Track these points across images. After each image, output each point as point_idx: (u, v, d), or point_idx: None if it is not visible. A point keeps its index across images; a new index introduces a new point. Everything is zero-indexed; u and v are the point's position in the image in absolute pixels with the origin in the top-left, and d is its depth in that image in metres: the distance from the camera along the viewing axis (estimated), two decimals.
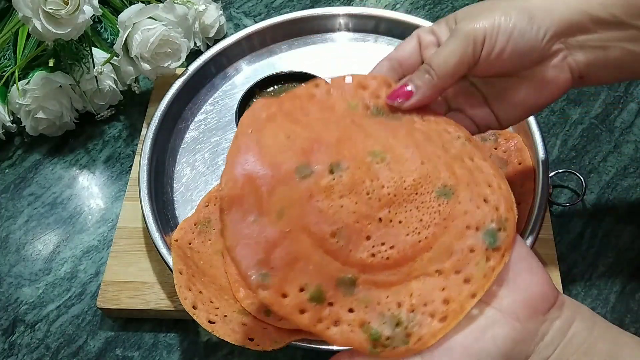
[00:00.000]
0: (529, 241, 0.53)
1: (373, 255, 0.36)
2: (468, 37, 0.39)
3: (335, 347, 0.49)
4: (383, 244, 0.37)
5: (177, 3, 0.67)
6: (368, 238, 0.36)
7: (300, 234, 0.36)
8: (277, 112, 0.39)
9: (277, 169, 0.36)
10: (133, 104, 0.73)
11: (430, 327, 0.35)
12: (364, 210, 0.37)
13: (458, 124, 0.42)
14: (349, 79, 0.42)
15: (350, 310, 0.36)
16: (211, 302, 0.50)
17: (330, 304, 0.35)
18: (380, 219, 0.37)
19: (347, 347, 0.36)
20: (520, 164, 0.60)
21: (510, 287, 0.35)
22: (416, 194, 0.38)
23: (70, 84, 0.67)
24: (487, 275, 0.35)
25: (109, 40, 0.74)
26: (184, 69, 0.68)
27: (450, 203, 0.37)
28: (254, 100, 0.65)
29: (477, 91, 0.44)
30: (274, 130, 0.38)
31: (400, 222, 0.37)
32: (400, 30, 0.72)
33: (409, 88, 0.41)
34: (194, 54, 0.70)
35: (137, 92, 0.70)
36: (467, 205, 0.37)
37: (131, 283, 0.57)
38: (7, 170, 0.69)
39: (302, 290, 0.35)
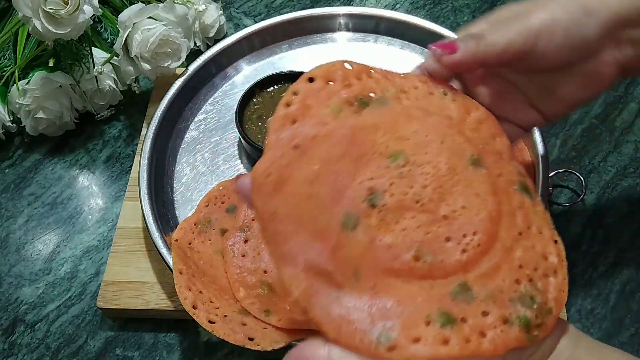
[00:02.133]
0: None
1: (464, 250, 0.34)
2: (529, 28, 0.38)
3: None
4: (465, 235, 0.34)
5: (177, 3, 0.67)
6: (448, 239, 0.34)
7: (387, 280, 0.33)
8: (277, 170, 0.35)
9: (326, 239, 0.34)
10: (133, 104, 0.73)
11: (555, 284, 0.34)
12: (426, 219, 0.35)
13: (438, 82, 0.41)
14: (310, 79, 0.37)
15: (485, 314, 0.33)
16: (211, 302, 0.50)
17: (463, 320, 0.32)
18: (444, 217, 0.35)
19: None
20: (520, 163, 0.60)
21: None
22: (456, 174, 0.36)
23: (70, 84, 0.67)
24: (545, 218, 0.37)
25: (109, 40, 0.74)
26: (184, 69, 0.68)
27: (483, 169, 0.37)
28: (254, 100, 0.65)
29: (518, 92, 0.43)
30: (288, 199, 0.35)
31: (463, 207, 0.35)
32: (400, 30, 0.72)
33: (456, 45, 0.39)
34: (194, 54, 0.70)
35: (137, 92, 0.70)
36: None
37: (131, 283, 0.57)
38: (7, 170, 0.69)
39: (428, 324, 0.32)
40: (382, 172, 0.36)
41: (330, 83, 0.38)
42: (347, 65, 0.38)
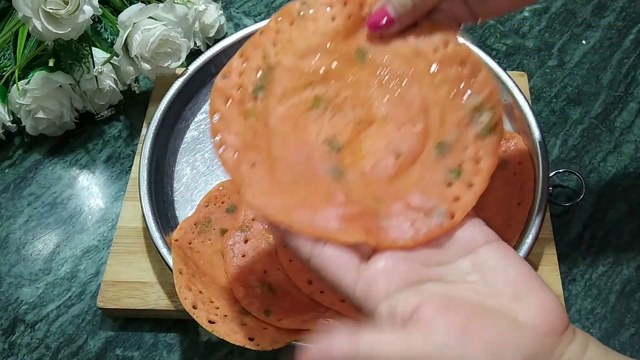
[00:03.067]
0: (528, 241, 0.53)
1: (414, 123, 0.40)
2: None
3: None
4: (407, 119, 0.40)
5: (177, 3, 0.67)
6: (401, 125, 0.40)
7: (397, 183, 0.39)
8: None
9: (335, 196, 0.38)
10: (133, 104, 0.73)
11: (481, 85, 0.39)
12: (375, 128, 0.40)
13: None
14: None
15: (465, 148, 0.38)
16: (211, 302, 0.50)
17: (461, 163, 0.38)
18: (383, 116, 0.40)
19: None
20: (520, 163, 0.60)
21: (524, 303, 0.34)
22: (358, 78, 0.41)
23: (70, 84, 0.67)
24: None
25: (109, 40, 0.74)
26: (184, 68, 0.68)
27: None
28: None
29: None
30: (286, 199, 0.38)
31: (387, 100, 0.41)
32: None
33: (389, 14, 0.41)
34: (194, 54, 0.70)
35: (137, 92, 0.70)
36: None
37: (131, 283, 0.57)
38: (7, 170, 0.69)
39: (450, 184, 0.38)
40: (320, 123, 0.41)
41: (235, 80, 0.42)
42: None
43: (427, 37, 0.41)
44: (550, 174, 0.61)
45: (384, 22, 0.41)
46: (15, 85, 0.64)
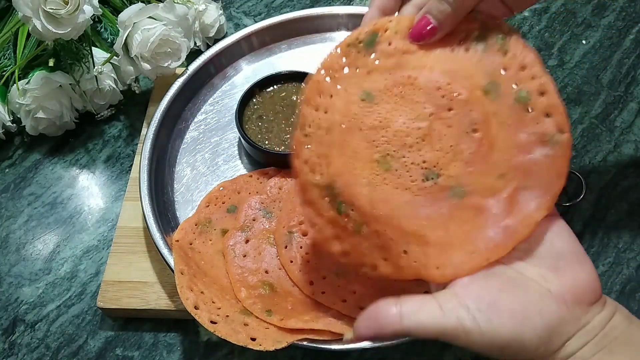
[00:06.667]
0: None
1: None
2: None
3: (333, 347, 0.49)
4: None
5: (177, 3, 0.67)
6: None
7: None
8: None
9: None
10: (133, 103, 0.73)
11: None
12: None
13: None
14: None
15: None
16: (213, 302, 0.50)
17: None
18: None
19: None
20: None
21: (561, 274, 0.37)
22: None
23: (70, 84, 0.67)
24: None
25: (109, 40, 0.74)
26: (184, 68, 0.68)
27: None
28: (254, 100, 0.65)
29: None
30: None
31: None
32: None
33: (431, 24, 0.41)
34: (194, 54, 0.70)
35: (137, 92, 0.70)
36: None
37: (131, 283, 0.57)
38: (7, 170, 0.69)
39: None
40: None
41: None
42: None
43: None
44: None
45: (427, 30, 0.41)
46: (15, 85, 0.64)
